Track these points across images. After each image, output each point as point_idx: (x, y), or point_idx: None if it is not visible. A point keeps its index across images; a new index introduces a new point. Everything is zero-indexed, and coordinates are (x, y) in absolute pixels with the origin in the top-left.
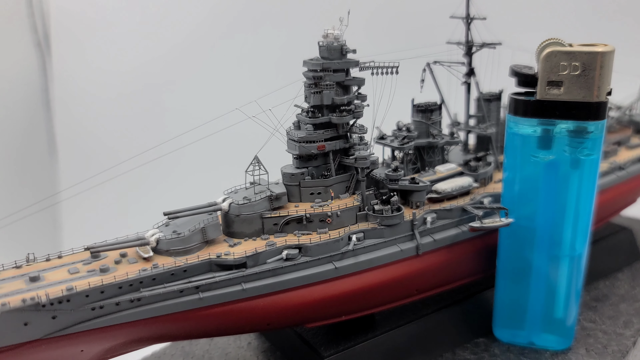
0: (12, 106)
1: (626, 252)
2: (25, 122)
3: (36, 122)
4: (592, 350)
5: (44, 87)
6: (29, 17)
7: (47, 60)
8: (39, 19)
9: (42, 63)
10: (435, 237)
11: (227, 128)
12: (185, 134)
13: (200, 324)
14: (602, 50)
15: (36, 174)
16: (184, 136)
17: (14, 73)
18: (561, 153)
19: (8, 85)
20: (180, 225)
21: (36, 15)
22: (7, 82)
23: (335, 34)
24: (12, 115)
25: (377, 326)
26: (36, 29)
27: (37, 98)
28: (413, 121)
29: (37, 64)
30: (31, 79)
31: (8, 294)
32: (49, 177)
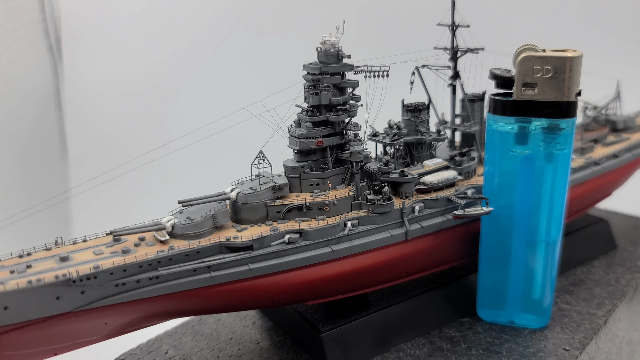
0: (27, 106)
1: (602, 241)
2: (39, 121)
3: (48, 121)
4: (566, 328)
5: (56, 88)
6: (42, 23)
7: (59, 63)
8: (51, 25)
9: (54, 66)
10: (422, 224)
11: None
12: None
13: (211, 300)
14: (571, 55)
15: (48, 169)
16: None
17: (28, 75)
18: (536, 148)
19: (23, 87)
20: (193, 212)
21: (48, 21)
22: (22, 84)
23: (332, 40)
24: (26, 115)
25: (370, 305)
26: (48, 34)
27: (50, 99)
28: (403, 120)
29: (50, 66)
30: (44, 81)
31: (42, 272)
32: (60, 172)
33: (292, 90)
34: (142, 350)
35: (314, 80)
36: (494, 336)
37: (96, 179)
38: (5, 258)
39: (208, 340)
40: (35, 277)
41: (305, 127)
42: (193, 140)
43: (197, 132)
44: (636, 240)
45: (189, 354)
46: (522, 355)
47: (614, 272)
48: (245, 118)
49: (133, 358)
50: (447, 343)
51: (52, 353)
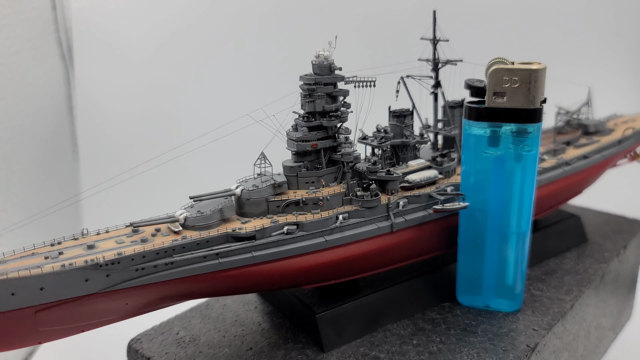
0: (40, 111)
1: (574, 235)
2: (51, 126)
3: (61, 126)
4: (537, 311)
5: (68, 94)
6: (55, 32)
7: (70, 71)
8: (63, 34)
9: (66, 73)
10: (406, 218)
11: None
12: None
13: (218, 284)
14: (535, 67)
15: (60, 171)
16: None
17: (43, 82)
18: (507, 149)
19: (39, 93)
20: (203, 207)
21: (61, 31)
22: (37, 90)
23: (325, 54)
24: (40, 120)
25: (360, 290)
26: (61, 43)
27: (62, 104)
28: (390, 124)
29: (62, 73)
30: (57, 87)
31: (72, 257)
32: (71, 174)
33: (289, 98)
34: (156, 331)
35: (309, 90)
36: (471, 318)
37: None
38: (39, 246)
39: (215, 322)
40: (68, 262)
41: (301, 132)
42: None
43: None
44: (605, 234)
45: (198, 334)
46: (496, 334)
47: (584, 262)
48: (248, 123)
49: (148, 338)
50: (429, 324)
51: (79, 330)
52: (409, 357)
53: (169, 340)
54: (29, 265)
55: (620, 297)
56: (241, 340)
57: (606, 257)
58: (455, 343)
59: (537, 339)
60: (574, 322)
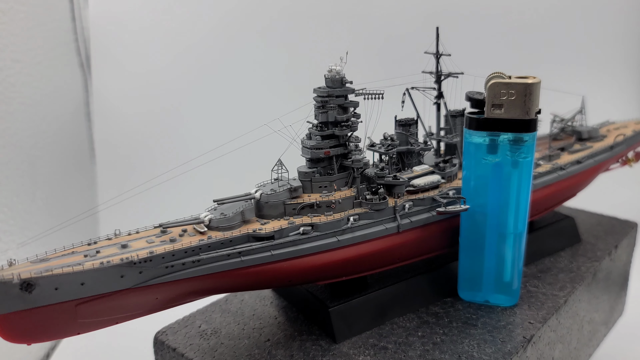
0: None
1: (568, 235)
2: (70, 131)
3: (79, 131)
4: (532, 306)
5: (86, 101)
6: (74, 42)
7: (88, 78)
8: (82, 44)
9: (84, 81)
10: (411, 219)
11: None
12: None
13: (240, 280)
14: (531, 82)
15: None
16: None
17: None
18: (504, 156)
19: (59, 100)
20: (225, 209)
21: (79, 40)
22: (58, 97)
23: (337, 69)
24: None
25: (369, 286)
26: (80, 52)
27: (80, 110)
28: (396, 133)
29: (81, 81)
30: (76, 94)
31: (109, 256)
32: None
33: (304, 109)
34: (180, 324)
35: (322, 102)
36: (472, 312)
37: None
38: (78, 245)
39: (234, 316)
40: (105, 259)
41: (315, 140)
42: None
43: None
44: (598, 234)
45: (218, 327)
46: (494, 327)
47: (577, 261)
48: (266, 133)
49: (173, 331)
50: (432, 318)
51: (114, 322)
52: (414, 347)
53: (192, 332)
54: (71, 262)
55: (612, 294)
56: (259, 332)
57: (598, 256)
58: (457, 335)
59: (533, 331)
60: (568, 317)
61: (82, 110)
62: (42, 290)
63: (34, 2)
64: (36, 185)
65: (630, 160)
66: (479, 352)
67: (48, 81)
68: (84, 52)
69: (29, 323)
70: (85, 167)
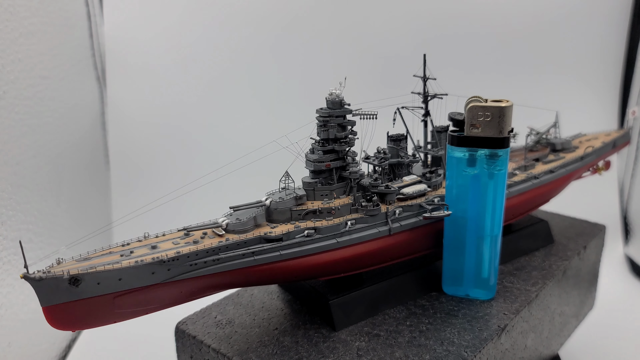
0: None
1: (542, 237)
2: (88, 140)
3: (96, 140)
4: (507, 299)
5: (102, 111)
6: (92, 58)
7: (104, 90)
8: (98, 59)
9: (100, 93)
10: (401, 223)
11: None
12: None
13: (253, 276)
14: (504, 105)
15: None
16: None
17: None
18: (482, 169)
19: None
20: (240, 215)
21: (96, 56)
22: (77, 109)
23: (337, 92)
24: (81, 135)
25: (364, 281)
26: (97, 66)
27: (97, 120)
28: (388, 147)
29: (97, 93)
30: (93, 106)
31: (141, 255)
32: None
33: (308, 127)
34: (197, 315)
35: (324, 121)
36: (454, 305)
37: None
38: (114, 246)
39: (245, 308)
40: (139, 258)
41: (317, 154)
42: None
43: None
44: (569, 236)
45: (232, 318)
46: (473, 317)
47: (549, 260)
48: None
49: (192, 321)
50: (420, 309)
51: (145, 312)
52: (403, 334)
53: (209, 322)
54: (110, 261)
55: (581, 289)
56: (268, 322)
57: (568, 255)
58: (440, 324)
59: (507, 321)
60: (539, 309)
61: (99, 120)
62: (86, 284)
63: (58, 22)
64: (60, 191)
65: (600, 169)
66: (459, 339)
67: (71, 95)
68: (100, 66)
69: (75, 313)
70: (100, 172)
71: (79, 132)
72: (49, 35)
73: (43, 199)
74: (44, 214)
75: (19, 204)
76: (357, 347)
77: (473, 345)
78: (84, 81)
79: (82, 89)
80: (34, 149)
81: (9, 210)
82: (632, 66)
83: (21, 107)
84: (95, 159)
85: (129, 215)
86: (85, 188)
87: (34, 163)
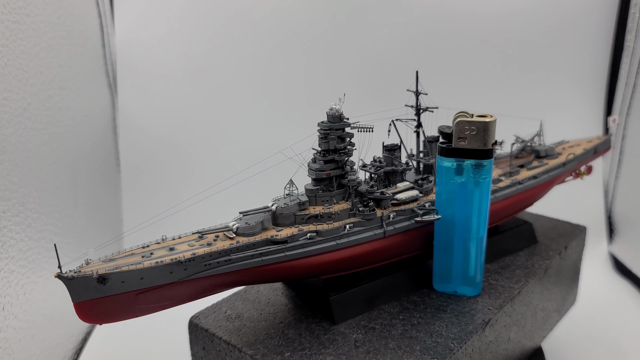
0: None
1: (526, 237)
2: (101, 144)
3: (108, 144)
4: (492, 296)
5: (113, 116)
6: (104, 66)
7: (115, 97)
8: (110, 67)
9: (112, 99)
10: (395, 226)
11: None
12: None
13: (260, 275)
14: (488, 120)
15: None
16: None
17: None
18: (468, 177)
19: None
20: (249, 219)
21: (108, 64)
22: (92, 117)
23: (337, 107)
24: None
25: (361, 279)
26: (108, 74)
27: (109, 126)
28: (383, 156)
29: (109, 99)
30: (105, 112)
31: (161, 256)
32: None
33: (310, 138)
34: (209, 310)
35: (324, 133)
36: (443, 301)
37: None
38: (135, 248)
39: (252, 304)
40: (159, 259)
41: (319, 164)
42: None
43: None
44: (552, 237)
45: (241, 312)
46: (460, 312)
47: (532, 259)
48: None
49: (204, 315)
50: (412, 305)
51: (163, 307)
52: (396, 327)
53: (220, 317)
54: (133, 262)
55: (563, 286)
56: (274, 316)
57: (550, 255)
58: (430, 318)
59: (491, 315)
60: (522, 304)
61: (110, 125)
62: (112, 282)
63: (74, 35)
64: (77, 194)
65: (582, 174)
66: (447, 331)
67: (86, 103)
68: (111, 73)
69: (102, 308)
70: (112, 175)
71: (94, 138)
72: (66, 47)
73: (62, 201)
74: (63, 215)
75: (42, 207)
76: (355, 339)
77: (459, 338)
78: (97, 89)
79: (96, 96)
80: (54, 156)
81: (33, 213)
82: (616, 76)
83: (43, 117)
84: (107, 163)
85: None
86: (98, 190)
87: (55, 169)
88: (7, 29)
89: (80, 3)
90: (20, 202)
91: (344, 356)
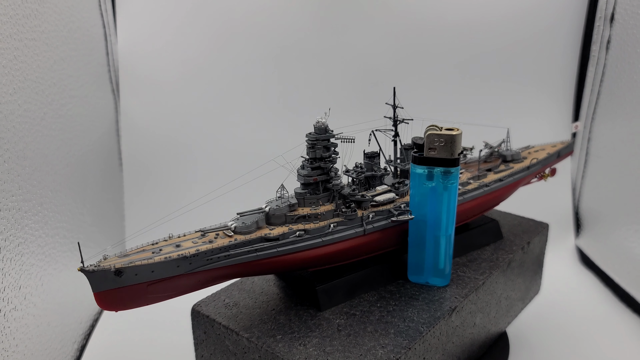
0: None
1: (493, 234)
2: (106, 146)
3: (111, 146)
4: (459, 286)
5: (116, 119)
6: (108, 73)
7: (117, 101)
8: (113, 73)
9: (115, 103)
10: (374, 225)
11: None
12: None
13: (255, 268)
14: (454, 133)
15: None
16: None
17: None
18: (438, 182)
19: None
20: (245, 219)
21: (111, 71)
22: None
23: (322, 121)
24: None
25: (344, 272)
26: (112, 80)
27: (112, 127)
28: (364, 162)
29: (112, 104)
30: (108, 115)
31: (169, 252)
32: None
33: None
34: (209, 299)
35: (312, 143)
36: (416, 290)
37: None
38: (145, 245)
39: (248, 293)
40: (167, 255)
41: (307, 170)
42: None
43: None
44: (516, 233)
45: (238, 300)
46: (431, 300)
47: (497, 253)
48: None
49: (205, 303)
50: (388, 294)
51: (170, 297)
52: (374, 314)
53: (219, 305)
54: (144, 257)
55: (526, 277)
56: (267, 304)
57: (513, 249)
58: (404, 305)
59: (457, 303)
60: (486, 293)
61: (114, 127)
62: (127, 275)
63: (82, 47)
64: (85, 193)
65: (546, 175)
66: (418, 317)
67: (93, 109)
68: (114, 79)
69: (117, 297)
70: (115, 175)
71: (100, 140)
72: (75, 59)
73: (73, 200)
74: (74, 213)
75: (57, 207)
76: (338, 324)
77: (428, 322)
78: (102, 95)
79: (101, 102)
80: (66, 159)
81: (49, 212)
82: (583, 83)
83: (57, 125)
84: (110, 163)
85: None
86: (103, 189)
87: (67, 172)
88: (26, 46)
89: (87, 16)
90: (39, 203)
91: (327, 339)
